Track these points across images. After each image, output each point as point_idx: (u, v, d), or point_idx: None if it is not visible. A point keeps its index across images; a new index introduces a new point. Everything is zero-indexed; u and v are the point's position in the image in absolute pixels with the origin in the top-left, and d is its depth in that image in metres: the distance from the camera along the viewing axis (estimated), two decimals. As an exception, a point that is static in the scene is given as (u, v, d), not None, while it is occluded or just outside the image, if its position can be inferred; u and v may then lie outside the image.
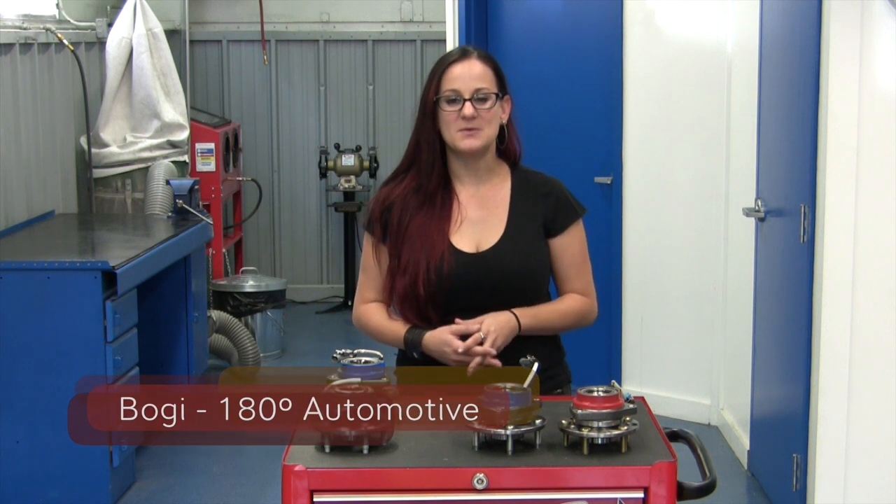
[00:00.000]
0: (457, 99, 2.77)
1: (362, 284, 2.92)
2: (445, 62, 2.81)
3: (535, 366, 2.44)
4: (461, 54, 2.82)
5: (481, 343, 2.66)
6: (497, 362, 2.67)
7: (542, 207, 2.84)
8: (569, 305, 2.85)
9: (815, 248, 4.01)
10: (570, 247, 2.85)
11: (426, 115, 2.83)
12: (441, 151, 2.84)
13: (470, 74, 2.77)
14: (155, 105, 6.48)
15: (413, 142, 2.89)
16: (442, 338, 2.71)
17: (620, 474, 2.21)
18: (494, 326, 2.69)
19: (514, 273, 2.77)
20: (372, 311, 2.87)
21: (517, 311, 2.75)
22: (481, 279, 2.75)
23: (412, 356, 2.79)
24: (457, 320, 2.71)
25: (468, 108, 2.75)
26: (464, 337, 2.70)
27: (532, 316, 2.77)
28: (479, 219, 2.83)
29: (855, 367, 3.94)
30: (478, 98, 2.76)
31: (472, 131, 2.77)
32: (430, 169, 2.83)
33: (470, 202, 2.84)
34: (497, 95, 2.79)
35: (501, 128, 2.83)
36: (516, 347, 2.69)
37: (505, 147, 2.87)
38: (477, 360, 2.65)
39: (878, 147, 3.86)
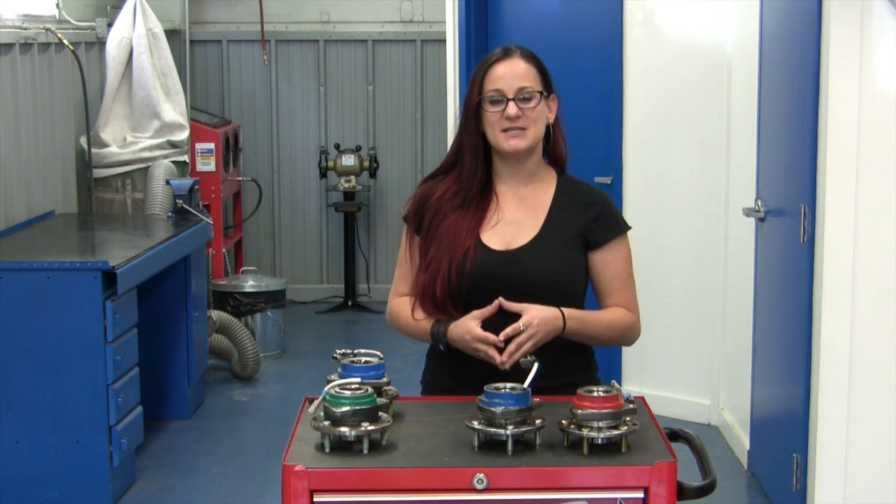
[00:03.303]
0: (500, 99, 2.70)
1: (397, 277, 2.87)
2: (488, 62, 2.75)
3: (536, 366, 2.44)
4: (503, 53, 2.75)
5: (518, 334, 2.58)
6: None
7: (582, 218, 2.76)
8: (615, 317, 2.76)
9: (815, 248, 4.01)
10: (613, 262, 2.76)
11: (469, 117, 2.75)
12: (484, 154, 2.77)
13: (513, 73, 2.71)
14: (155, 105, 6.48)
15: (456, 144, 2.80)
16: (465, 325, 2.65)
17: (620, 474, 2.21)
18: (538, 320, 2.60)
19: (541, 275, 2.68)
20: (403, 306, 2.81)
21: (566, 310, 2.65)
22: (506, 278, 2.68)
23: (439, 349, 2.74)
24: (500, 299, 2.61)
25: (512, 108, 2.68)
26: (488, 324, 2.62)
27: (579, 319, 2.68)
28: (515, 220, 2.76)
29: (855, 367, 3.94)
30: (521, 97, 2.69)
31: (517, 131, 2.70)
32: (472, 173, 2.76)
33: (509, 203, 2.77)
34: (542, 94, 2.73)
35: (548, 128, 2.77)
36: (547, 356, 2.60)
37: (551, 148, 2.81)
38: (510, 349, 2.57)
39: (878, 147, 3.86)
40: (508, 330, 2.59)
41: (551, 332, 2.63)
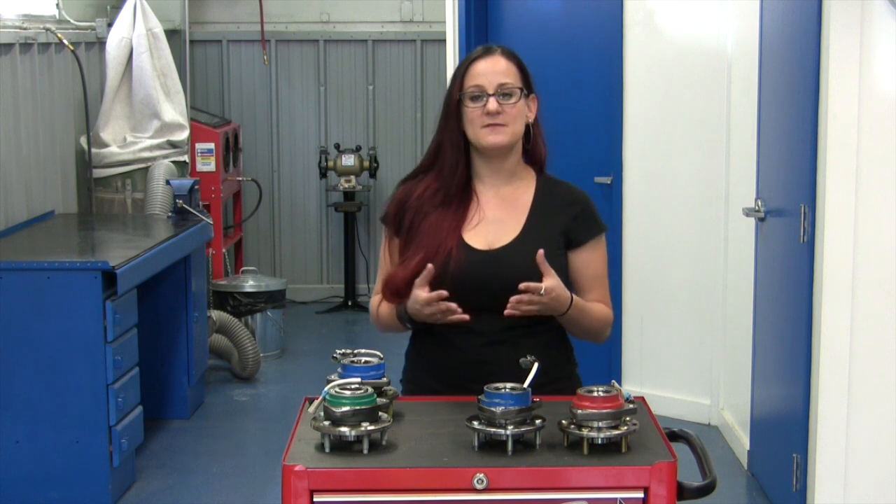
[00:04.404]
0: (480, 95, 2.70)
1: (378, 278, 2.89)
2: (469, 59, 2.76)
3: (536, 366, 2.44)
4: (485, 51, 2.77)
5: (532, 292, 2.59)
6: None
7: (564, 217, 2.78)
8: (600, 309, 2.79)
9: (815, 248, 4.01)
10: (592, 262, 2.79)
11: (450, 115, 2.76)
12: (465, 152, 2.78)
13: (494, 70, 2.72)
14: (155, 105, 6.48)
15: (436, 142, 2.80)
16: (413, 296, 2.64)
17: (620, 474, 2.21)
18: (555, 293, 2.60)
19: (525, 274, 2.66)
20: (379, 302, 2.84)
21: (574, 297, 2.68)
22: (490, 277, 2.69)
23: (407, 326, 2.76)
24: (540, 252, 2.60)
25: (492, 104, 2.69)
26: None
27: (580, 308, 2.70)
28: (497, 219, 2.77)
29: (855, 367, 3.94)
30: (502, 93, 2.70)
31: (497, 127, 2.70)
32: (453, 170, 2.76)
33: (490, 203, 2.78)
34: (522, 91, 2.73)
35: (528, 128, 2.78)
36: (538, 347, 2.62)
37: (531, 148, 2.82)
38: (522, 298, 2.57)
39: (878, 147, 3.86)
40: (531, 285, 2.58)
41: (555, 309, 2.65)
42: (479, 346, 2.70)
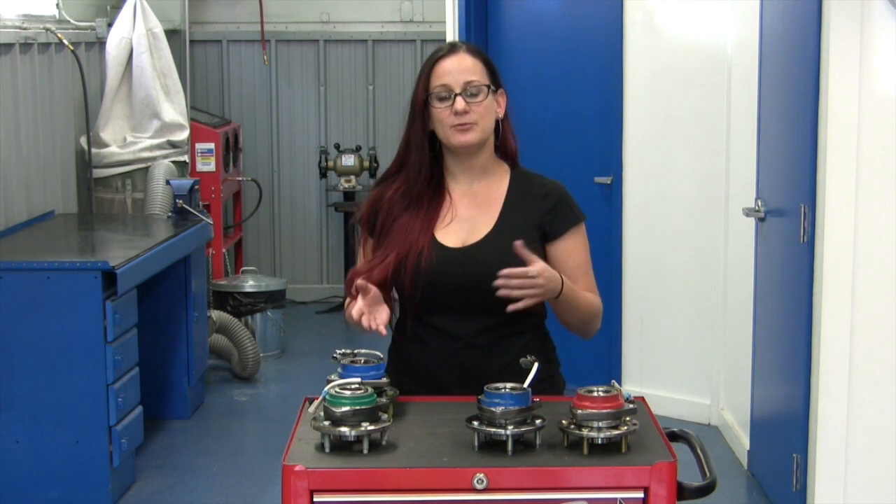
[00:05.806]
0: (447, 95, 2.69)
1: None
2: (433, 58, 2.74)
3: (535, 366, 2.44)
4: (449, 49, 2.74)
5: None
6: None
7: (538, 209, 2.75)
8: (593, 298, 2.74)
9: (815, 248, 4.01)
10: (574, 251, 2.75)
11: (416, 115, 2.75)
12: (433, 152, 2.76)
13: (459, 68, 2.69)
14: (155, 105, 6.48)
15: (403, 143, 2.79)
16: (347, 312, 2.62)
17: (620, 474, 2.21)
18: (548, 272, 2.54)
19: (498, 269, 2.58)
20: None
21: (563, 276, 2.61)
22: (462, 275, 2.66)
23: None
24: (518, 243, 2.54)
25: (459, 103, 2.66)
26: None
27: (572, 290, 2.63)
28: (470, 216, 2.74)
29: (855, 367, 3.94)
30: (469, 92, 2.68)
31: (466, 126, 2.68)
32: (417, 171, 2.74)
33: (462, 200, 2.76)
34: (489, 88, 2.70)
35: (498, 123, 2.75)
36: (516, 351, 2.64)
37: (501, 143, 2.79)
38: (513, 283, 2.50)
39: (878, 147, 3.86)
40: (517, 271, 2.51)
41: (550, 292, 2.57)
42: (457, 350, 2.67)
